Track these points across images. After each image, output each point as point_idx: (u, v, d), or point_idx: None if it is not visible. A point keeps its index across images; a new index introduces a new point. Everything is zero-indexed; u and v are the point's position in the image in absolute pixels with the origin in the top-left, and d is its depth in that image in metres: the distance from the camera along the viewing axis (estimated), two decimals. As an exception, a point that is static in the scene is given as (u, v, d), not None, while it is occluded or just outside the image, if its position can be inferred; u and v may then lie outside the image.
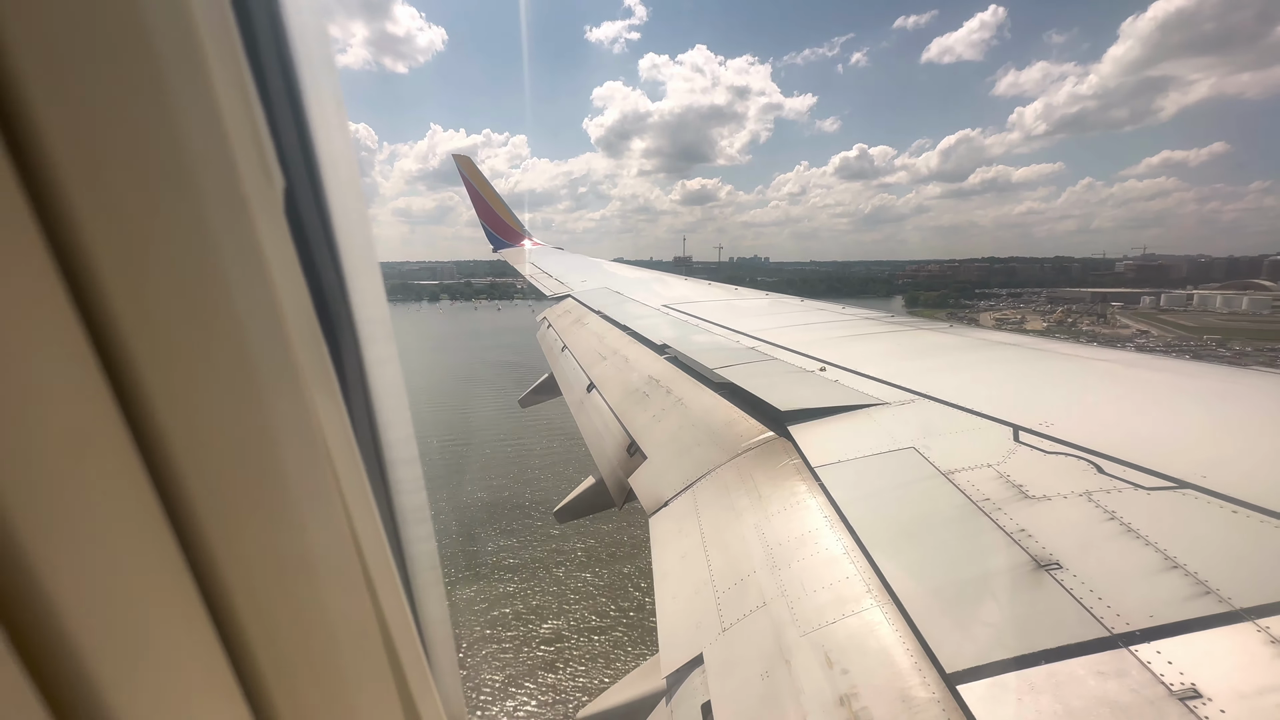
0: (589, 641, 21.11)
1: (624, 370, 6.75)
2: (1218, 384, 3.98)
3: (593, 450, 5.85)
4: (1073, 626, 1.91)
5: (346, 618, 0.74)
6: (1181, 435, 3.11)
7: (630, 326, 8.34)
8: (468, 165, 21.63)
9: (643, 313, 9.43)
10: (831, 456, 3.38)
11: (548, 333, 10.75)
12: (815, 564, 2.67)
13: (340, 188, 0.84)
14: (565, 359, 8.68)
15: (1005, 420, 3.35)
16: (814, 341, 6.09)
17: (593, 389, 6.75)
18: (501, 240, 21.97)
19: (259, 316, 0.59)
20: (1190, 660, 1.72)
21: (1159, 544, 2.16)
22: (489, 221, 21.92)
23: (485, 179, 21.58)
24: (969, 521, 2.55)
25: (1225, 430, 3.18)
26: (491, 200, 21.91)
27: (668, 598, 3.12)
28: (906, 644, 2.09)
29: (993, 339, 5.83)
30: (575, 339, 9.19)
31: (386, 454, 0.96)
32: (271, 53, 0.71)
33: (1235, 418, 3.38)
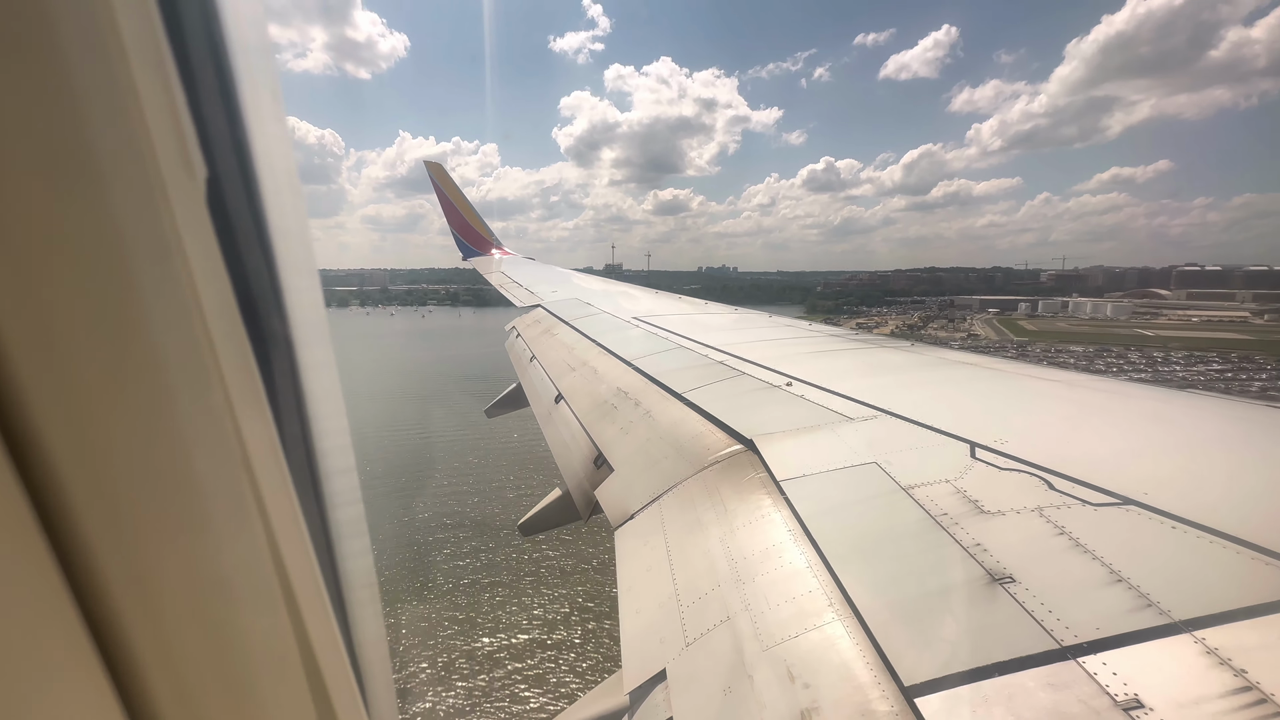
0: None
1: (593, 382, 6.73)
2: (1155, 405, 4.19)
3: (559, 462, 5.78)
4: (1024, 639, 1.96)
5: (263, 640, 0.69)
6: (1124, 454, 3.25)
7: (600, 338, 8.33)
8: (439, 172, 21.40)
9: (613, 325, 9.44)
10: (796, 470, 3.42)
11: (516, 342, 10.65)
12: (779, 578, 2.69)
13: (274, 181, 0.79)
14: (534, 369, 8.60)
15: (962, 437, 3.45)
16: (781, 357, 6.18)
17: (561, 400, 6.70)
18: (472, 248, 21.74)
19: (170, 315, 0.55)
20: (1133, 671, 1.78)
21: (1105, 558, 2.24)
22: (459, 229, 21.69)
23: (456, 186, 21.37)
24: (927, 536, 2.61)
25: (1163, 450, 3.34)
26: (462, 208, 21.70)
27: (631, 612, 3.09)
28: (866, 657, 2.12)
29: (951, 358, 6.02)
30: (544, 349, 9.12)
31: (320, 464, 0.92)
32: (198, 31, 0.66)
33: (1171, 438, 3.55)
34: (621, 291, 14.27)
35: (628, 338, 8.27)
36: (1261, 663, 1.71)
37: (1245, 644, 1.78)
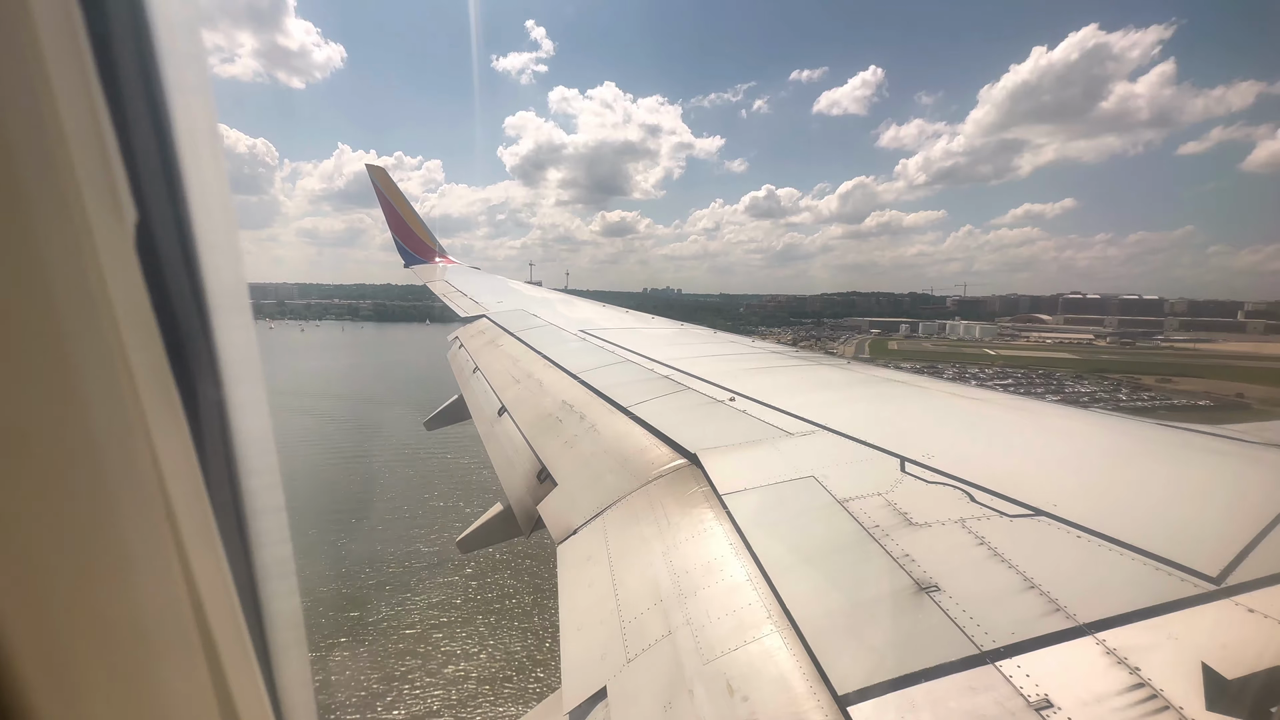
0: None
1: (537, 394, 6.64)
2: (1063, 422, 4.54)
3: (501, 476, 5.66)
4: (948, 645, 2.07)
5: (180, 692, 0.65)
6: (1036, 467, 3.50)
7: (546, 350, 8.25)
8: (381, 176, 20.74)
9: (559, 337, 9.37)
10: (738, 484, 3.49)
11: (459, 353, 10.39)
12: (719, 591, 2.72)
13: (208, 218, 0.77)
14: (477, 381, 8.41)
15: (893, 452, 3.61)
16: (725, 372, 6.30)
17: (504, 413, 6.57)
18: (414, 255, 21.12)
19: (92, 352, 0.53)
20: (1044, 673, 1.91)
21: (1019, 566, 2.39)
22: (401, 235, 21.05)
23: (400, 191, 20.75)
24: (861, 547, 2.71)
25: (1069, 463, 3.62)
26: (405, 214, 21.08)
27: (573, 629, 3.05)
28: (803, 668, 2.17)
29: (885, 376, 6.31)
30: (488, 361, 8.94)
31: (247, 504, 0.87)
32: (132, 66, 0.64)
33: (1076, 452, 3.86)
34: (569, 304, 14.21)
35: (574, 350, 8.23)
36: (1152, 661, 1.86)
37: (1139, 644, 1.94)
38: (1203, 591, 2.13)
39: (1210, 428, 4.44)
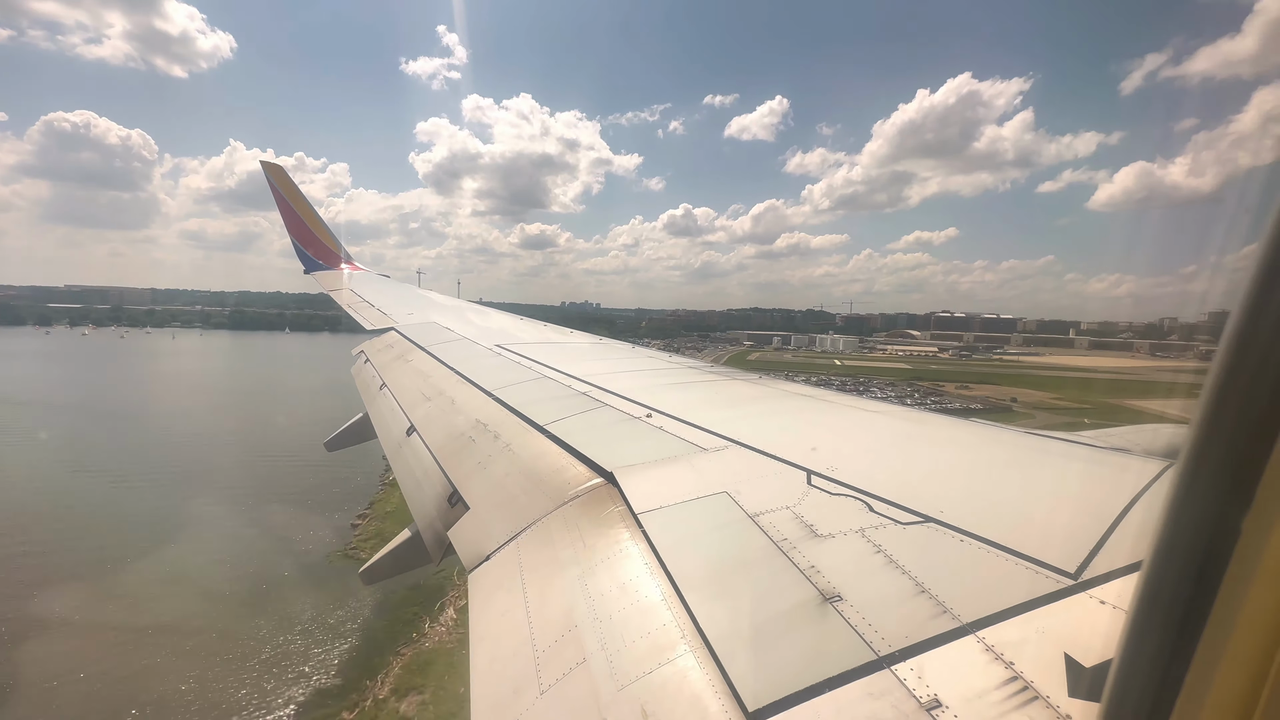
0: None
1: (449, 412, 6.38)
2: (951, 432, 4.94)
3: (409, 500, 5.36)
4: (850, 653, 2.16)
5: None
6: (927, 476, 3.78)
7: (459, 366, 7.95)
8: (278, 175, 19.25)
9: (474, 352, 9.07)
10: (653, 503, 3.50)
11: (365, 368, 9.79)
12: (635, 613, 2.71)
13: None
14: (384, 398, 7.95)
15: (801, 465, 3.78)
16: (642, 388, 6.35)
17: (413, 432, 6.25)
18: (316, 261, 19.71)
19: None
20: (933, 673, 2.04)
21: (912, 572, 2.56)
22: (301, 239, 19.61)
23: (299, 192, 19.33)
24: (770, 561, 2.80)
25: (955, 472, 3.94)
26: (306, 216, 19.68)
27: (484, 661, 2.92)
28: (715, 686, 2.19)
29: (793, 390, 6.61)
30: (396, 376, 8.49)
31: None
32: None
33: (961, 461, 4.21)
34: (485, 317, 13.81)
35: (489, 366, 7.99)
36: (1022, 655, 2.04)
37: (1012, 639, 2.12)
38: (1063, 587, 2.37)
39: (1068, 435, 5.01)
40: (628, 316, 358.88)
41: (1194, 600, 1.05)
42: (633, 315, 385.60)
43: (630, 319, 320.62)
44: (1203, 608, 1.04)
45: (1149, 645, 1.13)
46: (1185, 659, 1.06)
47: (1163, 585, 1.10)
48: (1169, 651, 1.08)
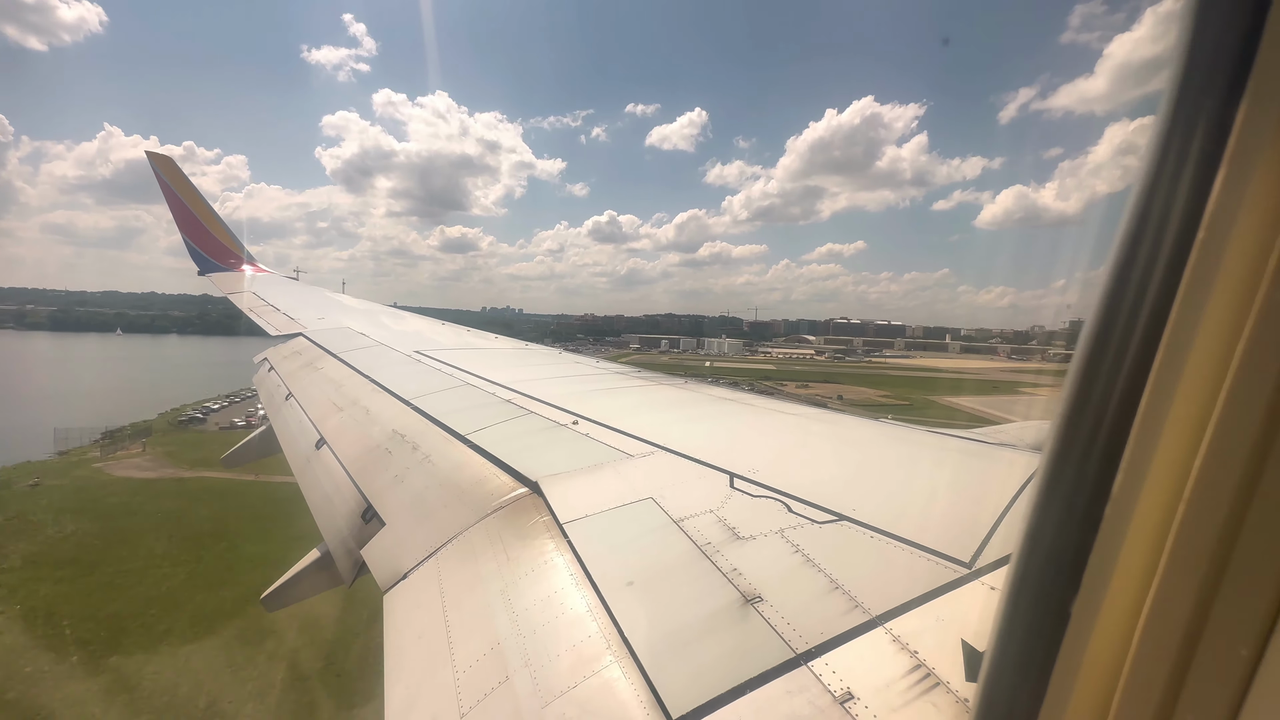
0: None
1: (364, 423, 6.03)
2: (864, 433, 5.24)
3: (319, 518, 5.01)
4: (770, 653, 2.23)
5: None
6: (841, 476, 3.98)
7: (375, 374, 7.55)
8: (166, 166, 17.53)
9: (392, 359, 8.64)
10: (579, 511, 3.46)
11: (269, 377, 9.08)
12: (560, 626, 2.66)
13: None
14: (290, 409, 7.41)
15: (723, 469, 3.86)
16: (568, 394, 6.29)
17: (323, 445, 5.86)
18: (212, 262, 18.08)
19: None
20: (846, 666, 2.13)
21: (827, 569, 2.67)
22: (195, 237, 17.93)
23: (191, 185, 17.67)
24: (694, 566, 2.83)
25: (867, 471, 4.17)
26: (199, 211, 18.02)
27: (399, 687, 2.77)
28: (641, 696, 2.18)
29: (717, 395, 6.77)
30: (305, 386, 7.93)
31: None
32: None
33: (871, 460, 4.46)
34: (403, 322, 13.20)
35: (408, 374, 7.64)
36: (925, 643, 2.18)
37: (915, 629, 2.26)
38: (959, 576, 2.55)
39: (964, 432, 5.43)
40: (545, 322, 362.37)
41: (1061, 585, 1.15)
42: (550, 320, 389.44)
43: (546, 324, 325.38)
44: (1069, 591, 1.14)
45: (1020, 626, 1.22)
46: (1058, 637, 1.16)
47: (1029, 571, 1.20)
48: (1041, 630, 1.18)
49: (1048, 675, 1.16)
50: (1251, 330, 0.88)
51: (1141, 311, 1.01)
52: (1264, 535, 0.90)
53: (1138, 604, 1.06)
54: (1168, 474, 1.01)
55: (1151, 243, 0.99)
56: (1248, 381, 0.89)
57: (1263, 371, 0.88)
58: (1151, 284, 1.00)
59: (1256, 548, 0.91)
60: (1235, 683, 0.95)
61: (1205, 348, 0.95)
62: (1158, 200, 0.98)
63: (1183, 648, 1.00)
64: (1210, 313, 0.94)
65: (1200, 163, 0.92)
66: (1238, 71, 0.85)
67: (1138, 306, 1.02)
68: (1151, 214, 0.99)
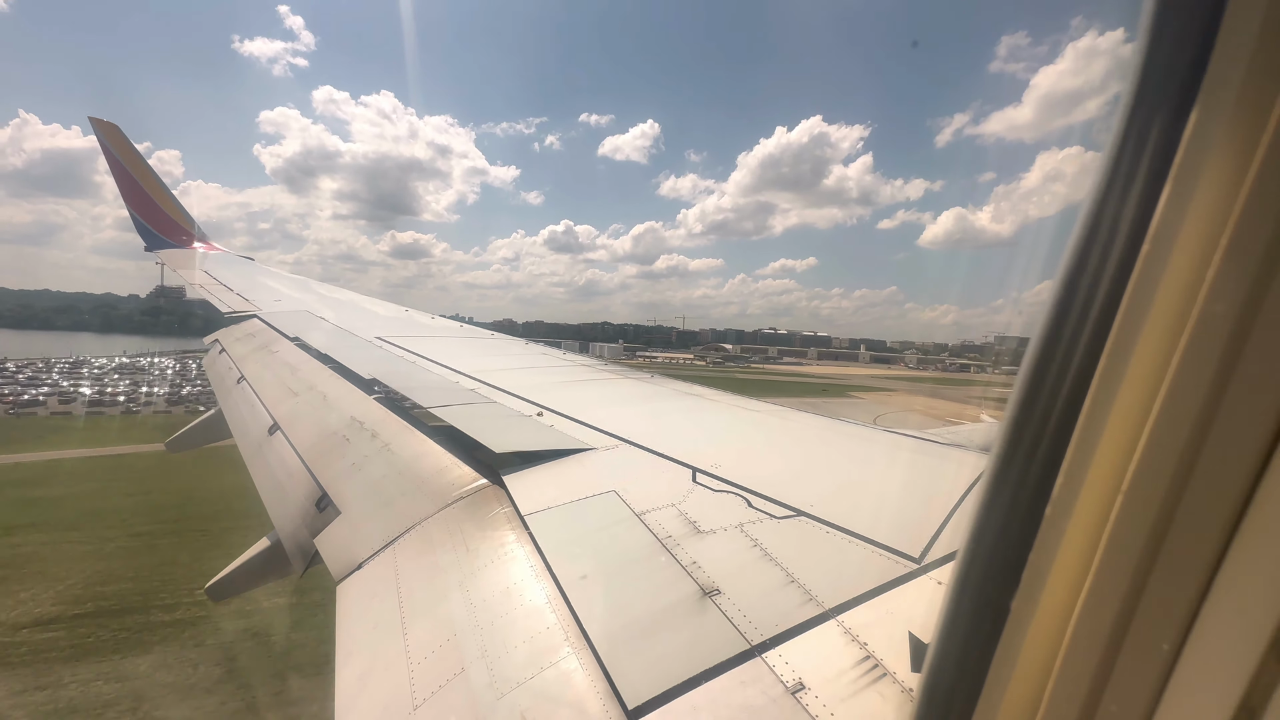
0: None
1: (320, 409, 5.85)
2: (822, 431, 5.35)
3: (269, 506, 4.85)
4: (725, 645, 2.26)
5: None
6: (800, 472, 4.06)
7: (333, 358, 7.33)
8: (112, 134, 16.54)
9: (351, 343, 8.40)
10: (541, 504, 3.45)
11: (219, 359, 8.72)
12: (518, 617, 2.64)
13: None
14: (242, 393, 7.13)
15: (686, 463, 3.90)
16: (534, 386, 6.24)
17: (276, 430, 5.67)
18: (161, 237, 17.17)
19: None
20: (799, 658, 2.19)
21: (783, 563, 2.73)
22: (143, 211, 16.98)
23: (138, 154, 16.72)
24: (654, 558, 2.86)
25: (825, 468, 4.27)
26: (146, 183, 17.07)
27: (352, 680, 2.71)
28: (597, 687, 2.19)
29: (682, 390, 6.82)
30: (258, 369, 7.65)
31: None
32: None
33: (829, 457, 4.57)
34: (365, 306, 12.84)
35: (368, 359, 7.44)
36: (875, 635, 2.26)
37: (866, 621, 2.33)
38: (909, 570, 2.64)
39: (918, 433, 5.61)
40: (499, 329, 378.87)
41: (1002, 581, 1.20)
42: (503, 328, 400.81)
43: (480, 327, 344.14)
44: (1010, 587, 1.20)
45: (963, 619, 1.28)
46: (997, 631, 1.22)
47: (973, 567, 1.25)
48: (982, 624, 1.24)
49: (986, 667, 1.22)
50: (1187, 342, 0.94)
51: (1086, 322, 1.07)
52: (1188, 536, 0.96)
53: (1072, 600, 1.12)
54: (1104, 478, 1.07)
55: (1099, 256, 1.05)
56: (1181, 392, 0.95)
57: (1196, 382, 0.93)
58: (1097, 296, 1.05)
59: (1181, 548, 0.97)
60: (1157, 674, 1.02)
61: (1144, 357, 1.01)
62: (1106, 214, 1.03)
63: (1111, 639, 1.06)
64: (1150, 324, 1.00)
65: (1149, 177, 0.97)
66: (1187, 86, 0.90)
67: (1083, 317, 1.07)
68: (1100, 227, 1.04)
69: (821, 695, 2.02)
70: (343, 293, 14.76)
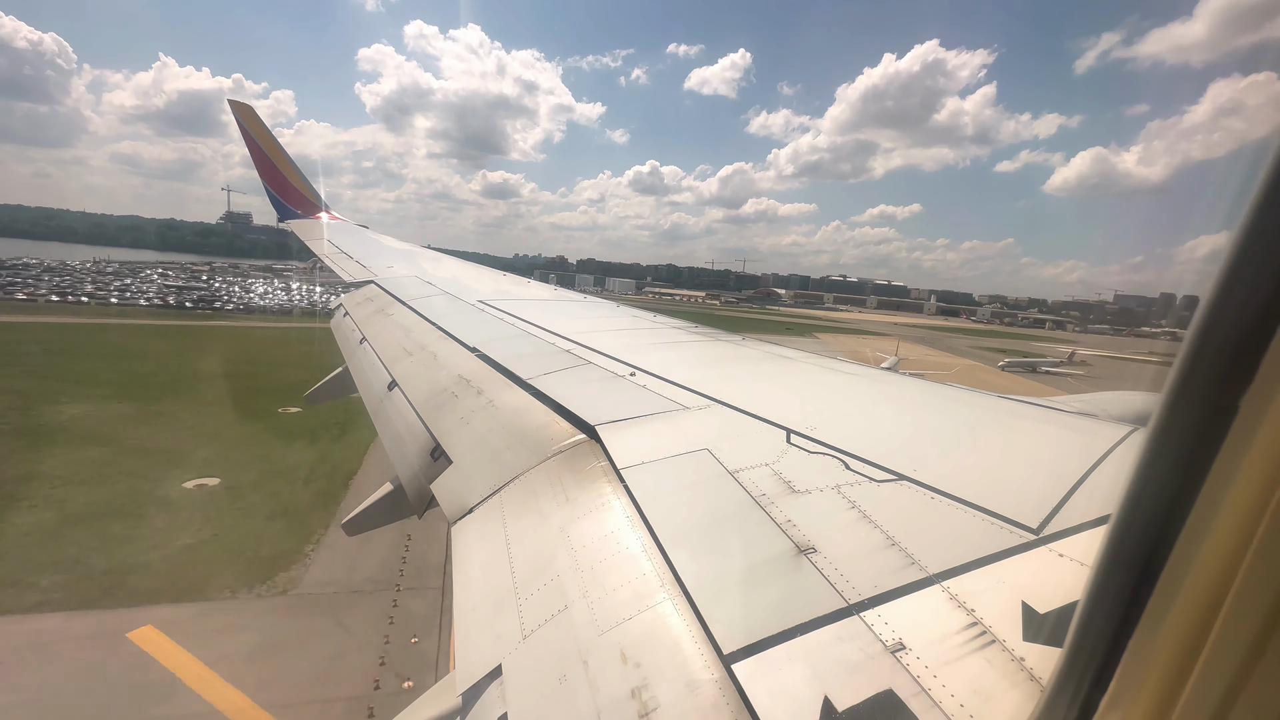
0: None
1: (431, 368, 6.33)
2: (924, 395, 5.06)
3: (391, 454, 5.38)
4: (821, 601, 2.26)
5: None
6: (901, 437, 3.88)
7: (441, 321, 7.86)
8: (248, 115, 18.32)
9: (457, 307, 8.95)
10: (636, 458, 3.56)
11: (344, 321, 9.64)
12: (616, 564, 2.78)
13: None
14: (364, 352, 7.86)
15: (781, 424, 3.85)
16: (626, 347, 6.36)
17: (394, 387, 6.21)
18: (291, 209, 19.02)
19: None
20: (899, 619, 2.14)
21: (884, 526, 2.66)
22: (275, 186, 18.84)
23: (270, 134, 18.43)
24: (748, 515, 2.88)
25: (927, 433, 4.05)
26: (279, 161, 18.85)
27: (467, 609, 2.99)
28: (692, 632, 2.28)
29: (776, 351, 6.67)
30: (377, 331, 8.37)
31: None
32: None
33: (934, 422, 4.33)
34: (466, 272, 13.58)
35: (472, 321, 7.91)
36: (985, 603, 2.16)
37: (974, 589, 2.23)
38: (1025, 541, 2.48)
39: (1036, 399, 5.15)
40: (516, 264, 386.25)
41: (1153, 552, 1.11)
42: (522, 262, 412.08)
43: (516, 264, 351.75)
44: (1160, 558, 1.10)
45: (1110, 590, 1.20)
46: (1141, 602, 1.13)
47: (1126, 537, 1.17)
48: (1128, 596, 1.16)
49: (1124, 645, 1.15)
50: None
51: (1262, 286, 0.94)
52: None
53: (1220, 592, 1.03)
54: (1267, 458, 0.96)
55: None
56: None
57: None
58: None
59: None
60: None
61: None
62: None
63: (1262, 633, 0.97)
64: None
65: None
66: None
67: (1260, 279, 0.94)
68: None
69: (923, 657, 1.97)
70: (446, 259, 15.69)
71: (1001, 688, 1.86)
